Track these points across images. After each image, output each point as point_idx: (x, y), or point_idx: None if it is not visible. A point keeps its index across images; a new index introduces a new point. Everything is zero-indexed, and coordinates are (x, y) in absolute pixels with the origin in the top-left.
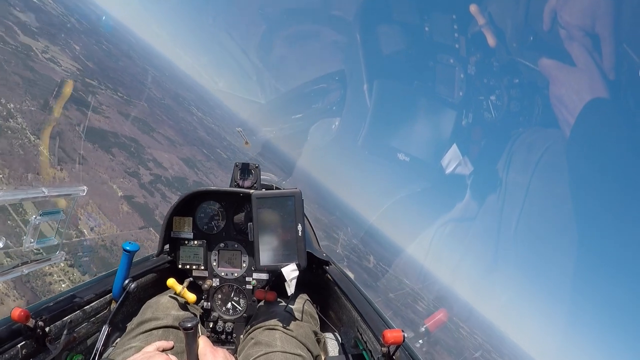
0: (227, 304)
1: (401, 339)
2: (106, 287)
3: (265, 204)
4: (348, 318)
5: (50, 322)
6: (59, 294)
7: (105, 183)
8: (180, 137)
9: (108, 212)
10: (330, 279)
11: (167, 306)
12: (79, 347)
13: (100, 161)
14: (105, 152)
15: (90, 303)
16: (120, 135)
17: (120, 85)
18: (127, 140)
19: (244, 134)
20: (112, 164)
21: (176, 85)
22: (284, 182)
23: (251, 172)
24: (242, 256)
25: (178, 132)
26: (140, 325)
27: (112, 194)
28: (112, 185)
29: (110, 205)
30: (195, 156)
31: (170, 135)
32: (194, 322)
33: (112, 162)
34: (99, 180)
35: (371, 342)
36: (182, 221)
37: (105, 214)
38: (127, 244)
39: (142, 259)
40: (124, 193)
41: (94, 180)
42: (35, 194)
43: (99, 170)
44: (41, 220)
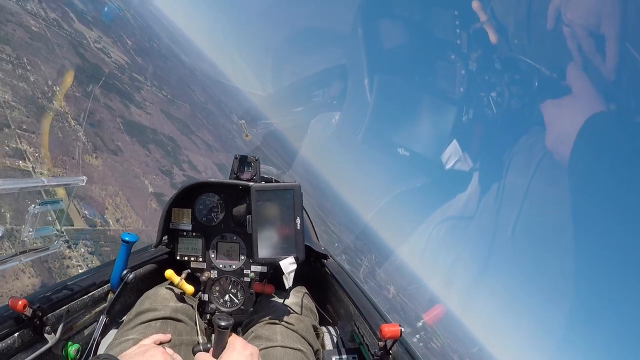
0: (225, 296)
1: (398, 334)
2: (104, 277)
3: (265, 197)
4: (345, 312)
5: (48, 311)
6: (56, 284)
7: (138, 177)
8: (218, 142)
9: (136, 206)
10: (328, 273)
11: (165, 297)
12: (76, 336)
13: (136, 155)
14: (142, 147)
15: (88, 293)
16: (159, 132)
17: (166, 84)
18: (165, 138)
19: (246, 127)
20: (147, 159)
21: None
22: (283, 175)
23: (251, 164)
24: (241, 249)
25: (216, 137)
26: (138, 316)
27: (143, 189)
28: (144, 180)
29: (139, 200)
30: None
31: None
32: (229, 321)
33: (147, 158)
34: (132, 173)
35: (368, 336)
36: (181, 212)
37: (132, 208)
38: (126, 235)
39: (141, 249)
40: (154, 190)
41: (127, 173)
42: (34, 183)
43: (133, 164)
44: (40, 209)
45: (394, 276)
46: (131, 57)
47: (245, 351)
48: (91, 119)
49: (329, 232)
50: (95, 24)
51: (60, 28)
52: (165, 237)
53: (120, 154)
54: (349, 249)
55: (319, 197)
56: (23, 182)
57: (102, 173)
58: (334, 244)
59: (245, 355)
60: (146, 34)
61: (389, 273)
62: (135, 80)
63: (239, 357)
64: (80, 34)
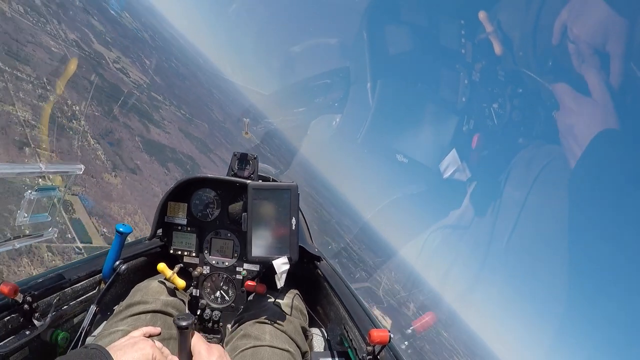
0: (216, 292)
1: (387, 339)
2: (96, 267)
3: (261, 196)
4: (335, 315)
5: (39, 298)
6: (48, 271)
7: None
8: None
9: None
10: (321, 275)
11: (156, 290)
12: (65, 325)
13: (154, 174)
14: (161, 165)
15: (79, 282)
16: (178, 151)
17: (184, 103)
18: (184, 157)
19: (248, 125)
20: (166, 178)
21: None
22: (281, 174)
23: (249, 162)
24: (234, 246)
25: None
26: (129, 308)
27: None
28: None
29: None
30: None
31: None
32: (190, 320)
33: (166, 177)
34: (151, 192)
35: (357, 340)
36: (177, 207)
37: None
38: (121, 226)
39: (134, 241)
40: None
41: (146, 192)
42: (32, 169)
43: (152, 183)
44: (36, 195)
45: (395, 279)
46: (150, 77)
47: (211, 357)
48: (110, 138)
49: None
50: (114, 44)
51: (80, 48)
52: (160, 230)
53: (139, 173)
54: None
55: (316, 197)
56: (20, 167)
57: (121, 191)
58: (328, 246)
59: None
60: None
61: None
62: (154, 100)
63: None
64: (99, 54)
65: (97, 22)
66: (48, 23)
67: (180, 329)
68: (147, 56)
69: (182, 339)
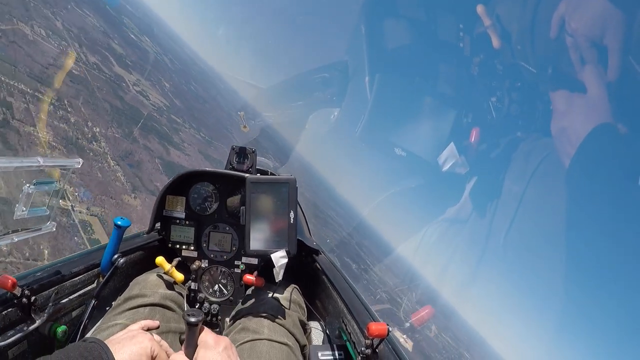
0: (215, 286)
1: (385, 333)
2: (95, 260)
3: (259, 189)
4: (334, 308)
5: (37, 291)
6: (47, 264)
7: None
8: None
9: None
10: (319, 268)
11: (155, 284)
12: (64, 318)
13: None
14: None
15: (78, 275)
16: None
17: (204, 126)
18: None
19: (244, 118)
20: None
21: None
22: (279, 168)
23: (247, 156)
24: (233, 239)
25: None
26: (127, 301)
27: None
28: None
29: None
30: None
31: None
32: (199, 317)
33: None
34: None
35: (355, 333)
36: (175, 200)
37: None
38: (119, 219)
39: (133, 235)
40: None
41: None
42: (30, 163)
43: None
44: (34, 189)
45: (389, 275)
46: (169, 100)
47: (218, 347)
48: (130, 160)
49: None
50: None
51: (100, 71)
52: (158, 223)
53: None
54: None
55: (314, 191)
56: (18, 161)
57: (141, 213)
58: (326, 239)
59: (219, 352)
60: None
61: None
62: (173, 122)
63: (213, 356)
64: (119, 77)
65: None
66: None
67: (189, 324)
68: (166, 79)
69: (191, 335)
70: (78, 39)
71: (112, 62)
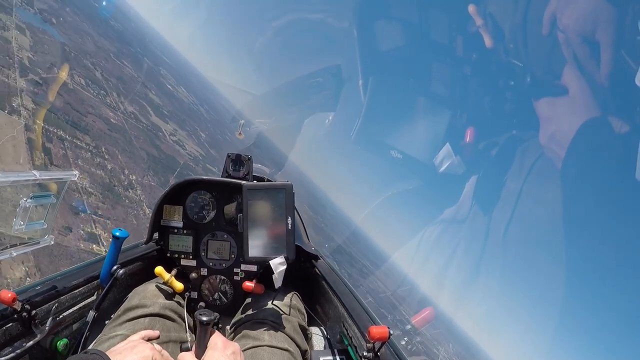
0: (214, 294)
1: (386, 336)
2: (94, 272)
3: (256, 196)
4: (334, 313)
5: (37, 305)
6: (46, 278)
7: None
8: None
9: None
10: (318, 273)
11: (154, 294)
12: (65, 331)
13: None
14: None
15: (77, 288)
16: None
17: None
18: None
19: (242, 127)
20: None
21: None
22: (275, 174)
23: (243, 163)
24: (231, 247)
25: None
26: (127, 312)
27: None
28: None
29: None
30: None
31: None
32: (211, 316)
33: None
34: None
35: (356, 337)
36: (172, 210)
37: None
38: (117, 230)
39: (131, 246)
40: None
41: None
42: (26, 177)
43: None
44: (32, 203)
45: (386, 279)
46: (205, 150)
47: (226, 350)
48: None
49: (319, 231)
50: (171, 117)
51: (138, 120)
52: (156, 234)
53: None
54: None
55: (310, 197)
56: (15, 176)
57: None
58: (325, 244)
59: (227, 355)
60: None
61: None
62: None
63: (220, 358)
64: (156, 127)
65: (154, 96)
66: (108, 95)
67: (201, 323)
68: (202, 129)
69: (202, 334)
70: (116, 89)
71: (150, 111)
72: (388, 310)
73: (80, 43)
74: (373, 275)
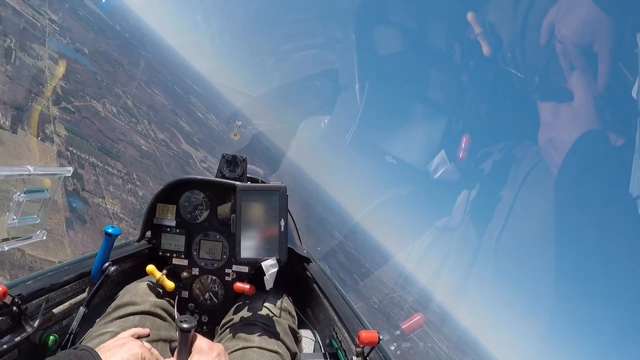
0: (205, 294)
1: (376, 340)
2: (85, 269)
3: (250, 197)
4: (325, 316)
5: (28, 300)
6: (37, 273)
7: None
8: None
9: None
10: (310, 277)
11: (145, 292)
12: (54, 327)
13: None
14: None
15: (68, 284)
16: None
17: None
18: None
19: (238, 128)
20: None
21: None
22: (270, 176)
23: (238, 164)
24: (223, 247)
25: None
26: (118, 309)
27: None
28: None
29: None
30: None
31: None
32: (192, 323)
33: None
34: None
35: (346, 341)
36: (165, 208)
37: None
38: (109, 227)
39: (123, 243)
40: None
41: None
42: (20, 171)
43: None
44: (25, 198)
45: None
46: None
47: (212, 353)
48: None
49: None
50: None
51: (169, 148)
52: (149, 232)
53: None
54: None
55: (304, 199)
56: (9, 170)
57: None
58: (317, 247)
59: (213, 357)
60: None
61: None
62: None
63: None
64: (187, 154)
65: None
66: (139, 123)
67: (182, 331)
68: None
69: (183, 341)
70: (147, 117)
71: (180, 139)
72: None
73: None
74: (366, 280)
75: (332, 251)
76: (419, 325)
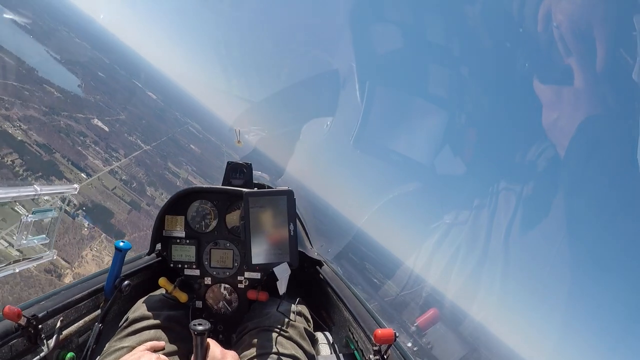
0: (219, 303)
1: (392, 338)
2: (98, 285)
3: (258, 203)
4: (340, 318)
5: (42, 320)
6: (51, 292)
7: None
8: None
9: None
10: (323, 279)
11: (158, 305)
12: (71, 345)
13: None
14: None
15: (82, 301)
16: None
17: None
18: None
19: (239, 134)
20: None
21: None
22: (276, 180)
23: (243, 170)
24: (234, 255)
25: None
26: (132, 324)
27: None
28: None
29: None
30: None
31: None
32: (206, 326)
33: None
34: None
35: (362, 341)
36: (174, 220)
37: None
38: (119, 242)
39: (134, 257)
40: None
41: None
42: (27, 192)
43: None
44: (33, 218)
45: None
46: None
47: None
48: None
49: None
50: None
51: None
52: (159, 245)
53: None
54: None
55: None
56: (16, 191)
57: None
58: (327, 249)
59: None
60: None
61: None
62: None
63: None
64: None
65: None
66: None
67: (197, 334)
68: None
69: (198, 344)
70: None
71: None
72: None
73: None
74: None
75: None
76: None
